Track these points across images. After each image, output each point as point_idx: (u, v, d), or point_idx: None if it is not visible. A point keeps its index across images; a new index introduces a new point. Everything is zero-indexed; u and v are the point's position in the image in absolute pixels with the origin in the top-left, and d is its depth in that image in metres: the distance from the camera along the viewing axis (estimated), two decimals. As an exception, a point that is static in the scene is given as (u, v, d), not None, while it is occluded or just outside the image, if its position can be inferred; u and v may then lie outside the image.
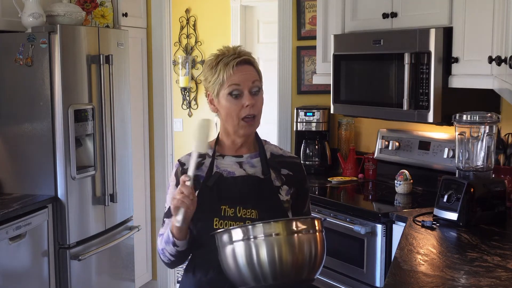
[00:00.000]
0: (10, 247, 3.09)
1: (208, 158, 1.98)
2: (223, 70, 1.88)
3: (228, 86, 1.88)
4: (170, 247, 1.90)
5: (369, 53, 3.28)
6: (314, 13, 3.96)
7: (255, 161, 1.97)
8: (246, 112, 1.89)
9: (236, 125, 1.92)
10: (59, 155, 3.40)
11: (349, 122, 3.89)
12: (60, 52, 3.34)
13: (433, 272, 1.98)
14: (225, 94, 1.89)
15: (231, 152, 1.98)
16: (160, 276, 4.67)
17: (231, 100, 1.89)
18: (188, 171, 1.82)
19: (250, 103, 1.88)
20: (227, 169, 1.95)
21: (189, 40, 5.85)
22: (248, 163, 1.97)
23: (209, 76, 1.92)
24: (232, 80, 1.88)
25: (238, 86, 1.88)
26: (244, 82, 1.89)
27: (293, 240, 1.69)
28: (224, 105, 1.91)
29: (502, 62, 2.06)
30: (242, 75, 1.89)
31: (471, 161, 2.58)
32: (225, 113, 1.92)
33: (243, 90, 1.89)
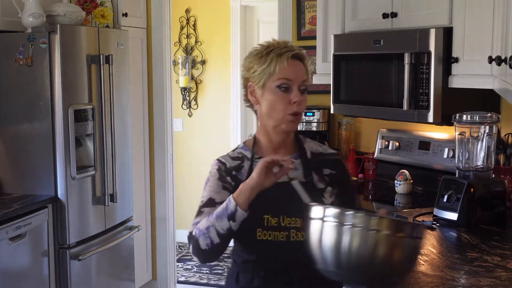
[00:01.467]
0: (10, 247, 3.09)
1: (247, 161, 1.88)
2: (275, 61, 1.79)
3: (278, 79, 1.79)
4: (225, 221, 1.71)
5: (369, 53, 3.28)
6: (314, 13, 3.96)
7: (297, 163, 1.83)
8: (292, 109, 1.80)
9: (279, 119, 1.82)
10: (59, 155, 3.40)
11: (349, 122, 3.89)
12: (60, 52, 3.34)
13: (433, 272, 1.98)
14: (273, 85, 1.80)
15: (269, 153, 1.85)
16: (160, 276, 4.67)
17: (279, 93, 1.80)
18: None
19: (298, 100, 1.79)
20: None
21: (189, 40, 5.85)
22: None
23: (256, 65, 1.83)
24: (284, 72, 1.79)
25: (288, 81, 1.80)
26: (295, 77, 1.80)
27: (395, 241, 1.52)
28: (269, 97, 1.82)
29: (502, 62, 2.06)
30: (295, 70, 1.81)
31: (471, 161, 2.58)
32: (268, 106, 1.82)
33: (292, 86, 1.80)
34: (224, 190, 1.85)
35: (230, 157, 1.92)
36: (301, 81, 1.81)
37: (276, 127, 1.85)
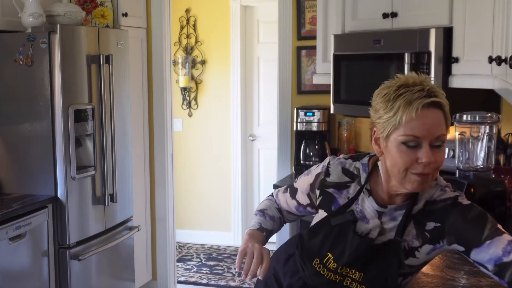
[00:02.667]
0: (10, 247, 3.09)
1: (356, 185, 1.66)
2: (403, 110, 1.48)
3: (404, 134, 1.49)
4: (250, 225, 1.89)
5: (369, 53, 3.28)
6: (314, 13, 3.96)
7: (398, 214, 1.61)
8: (419, 169, 1.50)
9: (402, 178, 1.53)
10: (59, 155, 3.40)
11: (349, 122, 3.89)
12: (60, 52, 3.34)
13: (433, 272, 1.97)
14: (397, 140, 1.50)
15: (381, 198, 1.63)
16: (160, 276, 4.67)
17: (404, 151, 1.50)
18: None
19: (427, 161, 1.48)
20: (364, 212, 1.64)
21: (189, 40, 5.85)
22: (390, 215, 1.62)
23: (382, 110, 1.53)
24: (412, 127, 1.48)
25: (417, 139, 1.49)
26: (427, 133, 1.49)
27: None
28: (392, 152, 1.52)
29: (502, 62, 2.06)
30: (427, 125, 1.48)
31: (471, 161, 2.58)
32: (391, 162, 1.54)
33: (422, 142, 1.49)
34: (307, 196, 1.79)
35: (342, 168, 1.70)
36: (434, 138, 1.50)
37: (399, 186, 1.56)
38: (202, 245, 5.93)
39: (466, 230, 1.52)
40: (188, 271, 5.26)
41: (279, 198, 1.93)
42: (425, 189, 1.55)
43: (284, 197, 1.89)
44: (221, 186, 5.91)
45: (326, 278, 1.69)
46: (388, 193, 1.61)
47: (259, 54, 5.78)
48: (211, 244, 5.96)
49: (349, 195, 1.67)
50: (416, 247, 1.59)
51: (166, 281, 4.67)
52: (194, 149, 5.93)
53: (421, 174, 1.50)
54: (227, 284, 4.94)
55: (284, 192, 1.90)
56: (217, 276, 5.11)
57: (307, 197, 1.79)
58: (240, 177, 5.86)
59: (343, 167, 1.70)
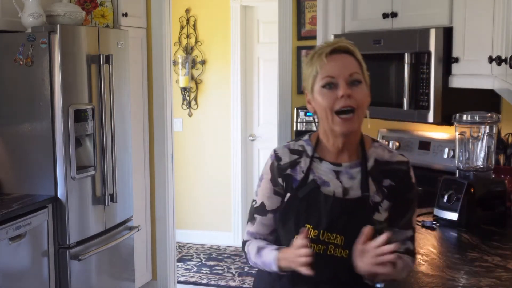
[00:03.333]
0: (10, 247, 3.09)
1: (305, 158, 1.78)
2: (316, 61, 1.70)
3: (321, 79, 1.68)
4: (266, 268, 1.78)
5: (369, 53, 3.27)
6: (314, 13, 3.96)
7: (355, 172, 1.75)
8: (340, 103, 1.66)
9: (330, 121, 1.69)
10: (59, 155, 3.40)
11: (349, 122, 3.89)
12: (60, 52, 3.34)
13: (433, 272, 1.97)
14: (319, 87, 1.69)
15: (330, 157, 1.77)
16: (160, 276, 4.67)
17: (325, 93, 1.68)
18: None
19: (345, 93, 1.65)
20: (322, 177, 1.75)
21: (189, 40, 5.85)
22: (347, 174, 1.75)
23: (305, 71, 1.75)
24: (326, 70, 1.68)
25: (332, 79, 1.67)
26: (340, 72, 1.67)
27: None
28: (318, 100, 1.70)
29: (502, 62, 2.06)
30: (338, 64, 1.68)
31: (471, 161, 2.58)
32: (319, 109, 1.71)
33: (338, 81, 1.67)
34: (276, 195, 1.81)
35: (289, 150, 1.82)
36: (347, 75, 1.68)
37: (332, 131, 1.72)
38: (202, 245, 5.93)
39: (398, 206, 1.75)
40: (188, 271, 5.26)
41: (254, 232, 1.86)
42: (353, 128, 1.71)
43: (258, 225, 1.85)
44: (221, 186, 5.91)
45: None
46: (335, 153, 1.77)
47: (259, 54, 5.77)
48: (211, 244, 5.96)
49: (303, 169, 1.77)
50: (378, 202, 1.73)
51: (166, 281, 4.67)
52: (194, 149, 5.93)
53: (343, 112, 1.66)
54: (227, 284, 4.94)
55: (253, 224, 1.85)
56: (217, 276, 5.11)
57: (275, 196, 1.82)
58: (240, 177, 5.86)
59: (289, 148, 1.82)
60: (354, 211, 1.71)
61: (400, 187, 1.75)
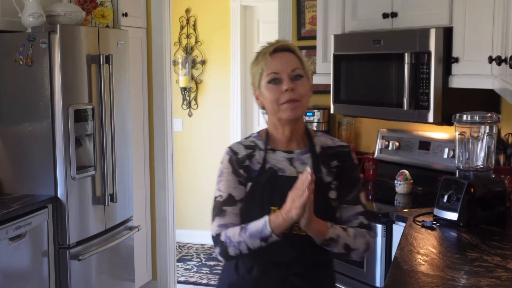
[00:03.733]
0: (10, 247, 3.09)
1: (259, 151, 1.95)
2: (262, 60, 1.89)
3: (267, 75, 1.88)
4: (257, 241, 1.82)
5: (369, 53, 3.28)
6: (314, 13, 3.96)
7: (306, 158, 1.95)
8: (286, 97, 1.86)
9: (277, 110, 1.89)
10: (59, 155, 3.40)
11: (349, 122, 3.89)
12: (60, 52, 3.34)
13: (433, 272, 1.98)
14: (265, 83, 1.89)
15: (282, 146, 1.96)
16: (160, 276, 4.67)
17: (271, 88, 1.88)
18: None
19: (289, 87, 1.85)
20: (277, 165, 1.93)
21: (189, 40, 5.85)
22: (299, 160, 1.94)
23: (252, 70, 1.94)
24: (270, 67, 1.87)
25: (276, 74, 1.87)
26: (283, 68, 1.87)
27: None
28: (265, 95, 1.90)
29: (502, 62, 2.06)
30: (281, 62, 1.87)
31: (471, 161, 2.58)
32: (266, 102, 1.91)
33: (282, 77, 1.87)
34: (240, 185, 1.92)
35: (242, 145, 1.98)
36: (290, 71, 1.87)
37: (280, 120, 1.91)
38: (202, 245, 5.93)
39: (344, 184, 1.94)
40: (188, 271, 5.27)
41: (226, 224, 1.91)
42: (298, 114, 1.90)
43: (228, 216, 1.90)
44: (221, 186, 5.90)
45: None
46: (286, 142, 1.95)
47: (259, 54, 5.77)
48: (211, 244, 5.93)
49: (259, 160, 1.94)
50: (330, 182, 1.92)
51: (166, 281, 4.67)
52: (194, 149, 5.93)
53: (288, 101, 1.85)
54: (227, 284, 4.94)
55: (223, 216, 1.91)
56: (217, 276, 5.11)
57: (241, 186, 1.92)
58: (240, 177, 5.85)
59: (242, 144, 1.98)
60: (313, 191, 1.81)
61: (345, 167, 1.95)
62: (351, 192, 1.95)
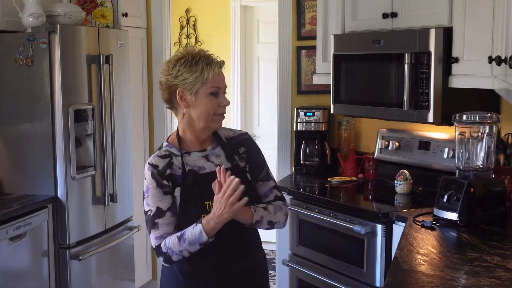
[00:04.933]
0: (10, 247, 3.09)
1: (175, 157, 2.12)
2: (207, 70, 2.05)
3: (211, 86, 2.06)
4: (197, 246, 2.01)
5: (369, 53, 3.28)
6: (314, 13, 3.96)
7: (218, 150, 2.16)
8: (222, 110, 2.11)
9: (210, 120, 2.09)
10: (59, 155, 3.40)
11: (349, 122, 3.89)
12: (60, 52, 3.34)
13: (433, 272, 1.98)
14: (206, 92, 2.06)
15: (195, 147, 2.14)
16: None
17: (211, 99, 2.07)
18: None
19: (226, 103, 2.11)
20: (196, 164, 2.11)
21: (189, 40, 5.85)
22: (213, 154, 2.15)
23: (186, 74, 2.04)
24: (216, 81, 2.07)
25: (218, 89, 2.09)
26: (222, 85, 2.11)
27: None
28: (202, 102, 2.07)
29: (502, 62, 2.06)
30: (222, 78, 2.10)
31: (471, 161, 2.58)
32: (201, 110, 2.08)
33: (219, 92, 2.09)
34: (166, 195, 2.09)
35: (159, 157, 2.13)
36: (224, 87, 2.12)
37: (206, 127, 2.12)
38: (202, 245, 5.92)
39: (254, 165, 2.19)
40: (188, 271, 5.25)
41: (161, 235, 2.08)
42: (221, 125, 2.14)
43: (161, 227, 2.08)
44: (221, 186, 5.90)
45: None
46: (198, 143, 2.14)
47: (259, 54, 5.78)
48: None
49: (179, 165, 2.10)
50: (244, 167, 2.15)
51: (166, 281, 4.66)
52: (194, 149, 5.92)
53: (222, 114, 2.11)
54: (227, 284, 4.93)
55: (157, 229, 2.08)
56: (217, 276, 5.10)
57: (166, 196, 2.09)
58: (240, 177, 5.85)
59: (158, 156, 2.13)
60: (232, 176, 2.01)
61: (251, 150, 2.20)
62: (262, 170, 2.20)
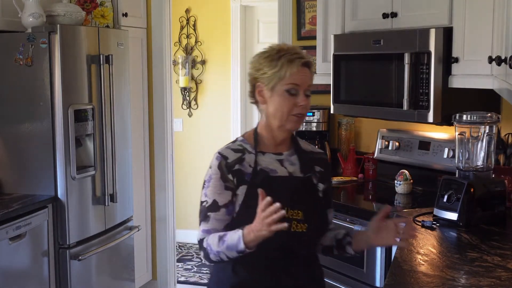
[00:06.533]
0: (10, 247, 3.09)
1: (248, 154, 1.99)
2: (286, 66, 1.91)
3: (288, 83, 1.92)
4: (234, 253, 1.87)
5: (369, 53, 3.28)
6: (314, 13, 3.96)
7: (294, 159, 2.03)
8: (298, 110, 1.95)
9: (284, 120, 1.95)
10: (59, 155, 3.40)
11: (349, 122, 3.89)
12: (60, 52, 3.34)
13: (433, 272, 1.98)
14: (282, 89, 1.93)
15: (271, 149, 2.02)
16: (160, 276, 4.67)
17: (287, 97, 1.93)
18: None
19: (304, 104, 1.94)
20: (268, 166, 1.98)
21: (189, 40, 5.85)
22: (288, 161, 2.01)
23: (266, 68, 1.94)
24: (294, 78, 1.92)
25: (297, 87, 1.93)
26: (303, 83, 1.94)
27: None
28: (277, 99, 1.94)
29: (502, 62, 2.06)
30: (303, 76, 1.94)
31: (471, 161, 2.58)
32: (275, 108, 1.95)
33: (299, 90, 1.94)
34: (227, 190, 1.95)
35: (231, 150, 2.00)
36: (306, 86, 1.95)
37: (281, 127, 1.97)
38: (202, 245, 5.92)
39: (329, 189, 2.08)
40: (188, 271, 5.26)
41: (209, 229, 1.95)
42: (298, 127, 2.03)
43: (212, 222, 1.95)
44: (221, 186, 5.90)
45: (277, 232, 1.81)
46: (274, 144, 2.01)
47: (259, 54, 5.77)
48: (211, 244, 5.94)
49: (250, 163, 1.97)
50: (316, 184, 2.02)
51: (166, 281, 4.67)
52: (194, 149, 5.93)
53: (299, 115, 1.95)
54: (227, 284, 4.94)
55: (207, 222, 1.95)
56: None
57: (226, 191, 1.95)
58: (240, 177, 5.85)
59: (231, 148, 2.01)
60: (304, 188, 1.97)
61: (327, 172, 2.08)
62: (332, 197, 2.15)
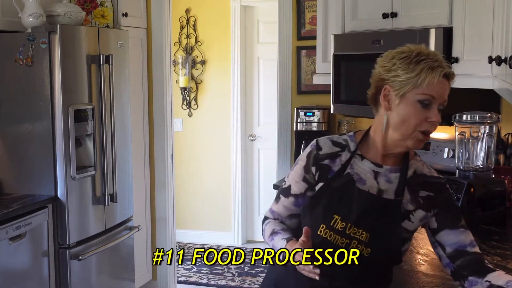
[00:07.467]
0: (10, 247, 3.09)
1: (347, 152, 1.79)
2: (425, 73, 1.66)
3: (423, 93, 1.67)
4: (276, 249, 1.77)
5: (369, 53, 3.27)
6: (314, 13, 3.96)
7: (393, 177, 1.76)
8: (427, 127, 1.69)
9: (408, 134, 1.70)
10: (59, 155, 3.40)
11: (349, 122, 3.89)
12: (60, 52, 3.34)
13: (433, 272, 1.97)
14: (414, 99, 1.68)
15: (373, 157, 1.78)
16: (160, 276, 4.67)
17: (418, 108, 1.68)
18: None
19: (435, 120, 1.68)
20: (359, 173, 1.76)
21: (189, 40, 5.85)
22: (385, 177, 1.76)
23: (401, 70, 1.69)
24: (431, 89, 1.67)
25: (432, 98, 1.68)
26: (440, 97, 1.69)
27: None
28: (405, 109, 1.69)
29: (502, 62, 2.06)
30: (441, 89, 1.69)
31: (471, 161, 2.58)
32: (401, 118, 1.69)
33: (433, 104, 1.68)
34: (303, 181, 1.81)
35: (331, 141, 1.82)
36: (442, 101, 1.71)
37: (400, 142, 1.72)
38: (202, 245, 5.93)
39: (449, 212, 1.77)
40: (188, 271, 5.26)
41: (275, 211, 1.89)
42: (419, 147, 1.73)
43: (279, 205, 1.88)
44: (221, 186, 5.91)
45: (333, 244, 1.71)
46: (382, 154, 1.76)
47: (259, 54, 5.78)
48: (211, 244, 5.95)
49: (342, 162, 1.77)
50: (411, 211, 1.74)
51: (166, 281, 4.67)
52: (194, 149, 5.93)
53: (426, 132, 1.69)
54: (227, 284, 4.94)
55: (277, 203, 1.89)
56: (217, 276, 5.11)
57: (303, 182, 1.81)
58: (240, 177, 5.86)
59: (332, 140, 1.83)
60: (384, 211, 1.71)
61: (440, 197, 1.78)
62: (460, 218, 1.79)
